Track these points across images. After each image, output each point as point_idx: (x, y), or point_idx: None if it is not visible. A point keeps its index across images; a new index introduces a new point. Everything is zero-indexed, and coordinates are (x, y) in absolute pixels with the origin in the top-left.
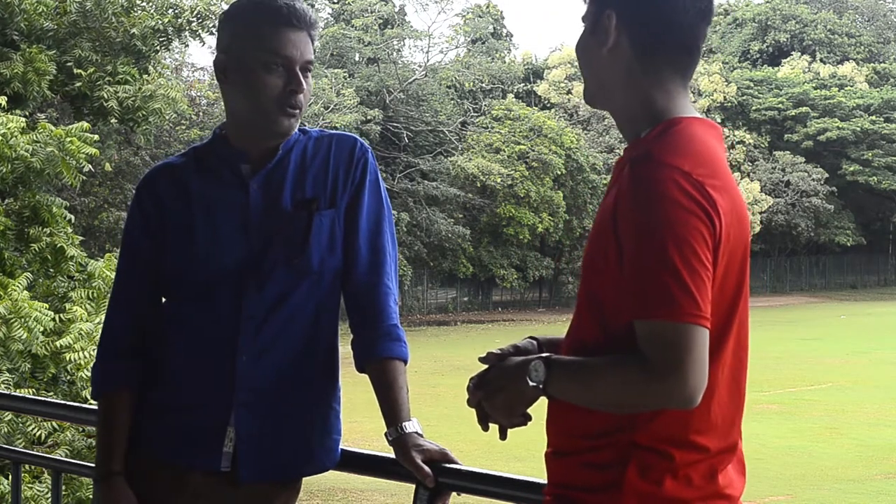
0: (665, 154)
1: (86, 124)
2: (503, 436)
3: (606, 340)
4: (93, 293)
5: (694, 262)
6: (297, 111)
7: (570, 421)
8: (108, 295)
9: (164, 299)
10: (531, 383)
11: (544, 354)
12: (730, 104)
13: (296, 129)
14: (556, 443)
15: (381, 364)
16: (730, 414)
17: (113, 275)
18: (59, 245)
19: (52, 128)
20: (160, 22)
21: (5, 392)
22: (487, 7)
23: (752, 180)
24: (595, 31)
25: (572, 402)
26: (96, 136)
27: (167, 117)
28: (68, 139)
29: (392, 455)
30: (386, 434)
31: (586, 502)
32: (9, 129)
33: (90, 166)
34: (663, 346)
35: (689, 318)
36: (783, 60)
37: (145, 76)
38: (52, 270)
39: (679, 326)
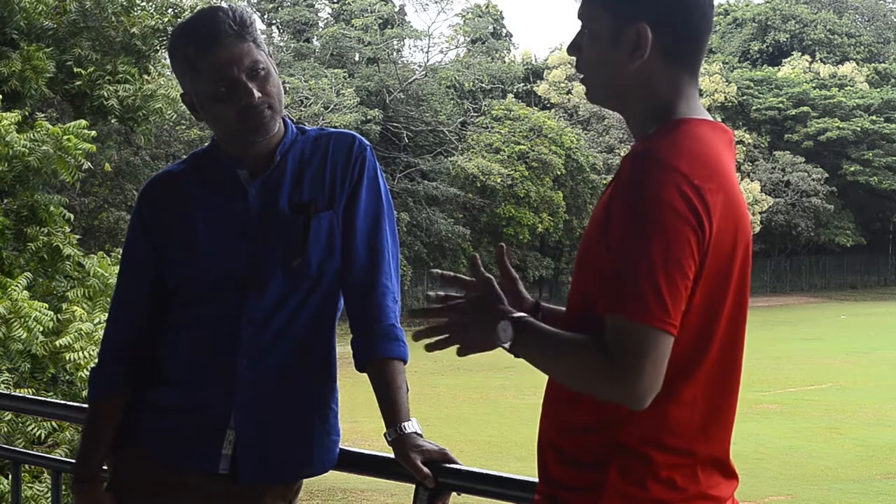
0: (667, 154)
1: (83, 122)
2: (462, 353)
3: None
4: (89, 292)
5: (673, 269)
6: (264, 110)
7: (560, 414)
8: (105, 293)
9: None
10: (499, 341)
11: (516, 315)
12: (730, 104)
13: (276, 124)
14: (546, 435)
15: (379, 364)
16: (713, 420)
17: (107, 272)
18: (55, 244)
19: (49, 126)
20: (160, 21)
21: (5, 392)
22: (487, 7)
23: (752, 180)
24: (619, 44)
25: (535, 367)
26: (94, 133)
27: (167, 117)
28: (65, 137)
29: (392, 455)
30: (385, 434)
31: (571, 502)
32: (4, 126)
33: (89, 164)
34: (625, 343)
35: (656, 322)
36: (783, 60)
37: (145, 75)
38: (49, 270)
39: (643, 328)
